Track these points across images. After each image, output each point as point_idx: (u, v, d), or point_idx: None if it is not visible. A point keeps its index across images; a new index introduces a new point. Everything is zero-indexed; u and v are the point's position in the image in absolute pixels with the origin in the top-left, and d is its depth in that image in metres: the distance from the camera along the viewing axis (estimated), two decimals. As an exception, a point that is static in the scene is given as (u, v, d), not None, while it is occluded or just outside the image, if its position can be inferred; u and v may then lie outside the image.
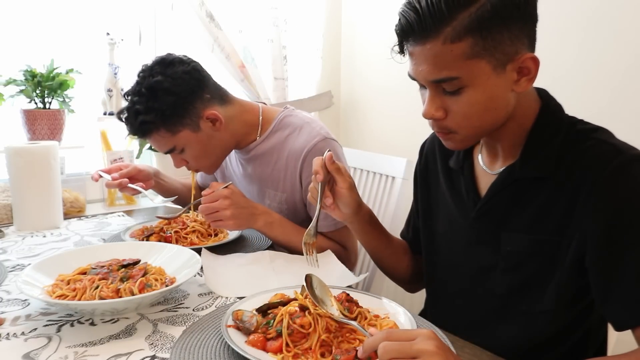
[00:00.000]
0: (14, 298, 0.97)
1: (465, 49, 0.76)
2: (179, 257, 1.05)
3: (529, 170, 0.86)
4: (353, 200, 1.00)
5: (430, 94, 0.82)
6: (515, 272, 0.88)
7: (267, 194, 1.41)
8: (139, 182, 1.45)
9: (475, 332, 0.91)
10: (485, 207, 0.92)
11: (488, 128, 0.85)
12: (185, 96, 1.25)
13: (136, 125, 1.26)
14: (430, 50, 0.77)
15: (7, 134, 1.74)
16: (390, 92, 2.16)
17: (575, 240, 0.81)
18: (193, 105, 1.27)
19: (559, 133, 0.85)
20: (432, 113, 0.83)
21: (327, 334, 0.76)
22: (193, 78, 1.27)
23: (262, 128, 1.39)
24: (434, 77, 0.79)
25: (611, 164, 0.78)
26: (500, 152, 0.92)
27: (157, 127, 1.26)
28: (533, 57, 0.79)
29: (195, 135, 1.29)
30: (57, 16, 1.84)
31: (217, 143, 1.33)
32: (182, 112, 1.25)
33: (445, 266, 1.02)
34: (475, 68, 0.77)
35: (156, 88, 1.23)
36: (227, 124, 1.32)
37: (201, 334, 0.82)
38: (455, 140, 0.87)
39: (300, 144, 1.32)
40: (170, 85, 1.23)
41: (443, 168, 1.03)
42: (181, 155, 1.33)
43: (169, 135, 1.27)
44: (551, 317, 0.86)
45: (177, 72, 1.25)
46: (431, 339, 0.64)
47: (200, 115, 1.28)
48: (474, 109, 0.81)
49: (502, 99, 0.82)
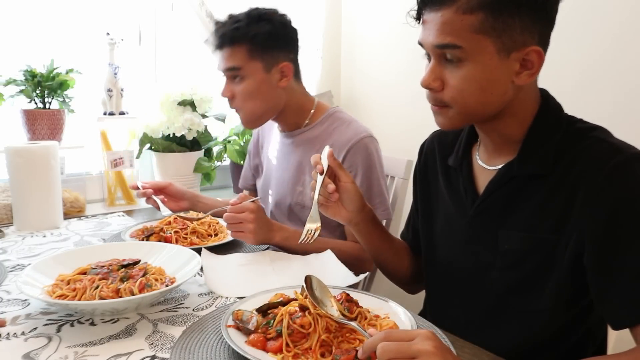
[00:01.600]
0: (14, 298, 0.97)
1: (475, 22, 0.78)
2: (179, 257, 1.05)
3: (527, 168, 0.86)
4: (357, 193, 1.01)
5: (432, 63, 0.85)
6: (513, 270, 0.88)
7: (302, 180, 1.44)
8: (160, 195, 1.51)
9: (475, 330, 0.91)
10: (483, 204, 0.92)
11: (480, 111, 0.86)
12: (279, 39, 1.37)
13: (228, 28, 1.34)
14: (443, 16, 0.80)
15: (7, 134, 1.74)
16: (391, 92, 2.16)
17: (573, 239, 0.81)
18: (279, 50, 1.37)
19: (557, 131, 0.86)
20: (430, 82, 0.85)
21: (327, 334, 0.76)
22: (293, 36, 1.41)
23: (312, 117, 1.46)
24: (439, 42, 0.81)
25: (610, 163, 0.78)
26: (498, 148, 0.92)
27: (242, 41, 1.33)
28: (538, 51, 0.81)
29: (262, 74, 1.36)
30: (57, 16, 1.84)
31: (271, 96, 1.39)
32: (268, 47, 1.35)
33: (444, 265, 1.02)
34: (480, 44, 0.79)
35: (263, 18, 1.35)
36: (289, 91, 1.41)
37: (201, 334, 0.82)
38: (446, 116, 0.87)
39: (347, 137, 1.37)
40: (275, 25, 1.36)
41: (442, 167, 1.04)
42: (235, 83, 1.38)
43: (244, 56, 1.34)
44: (550, 316, 0.87)
45: (286, 22, 1.40)
46: (430, 339, 0.64)
47: (277, 62, 1.36)
48: (470, 85, 0.82)
49: (500, 85, 0.83)
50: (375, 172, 1.36)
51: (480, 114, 0.87)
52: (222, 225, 1.38)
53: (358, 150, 1.35)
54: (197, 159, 1.96)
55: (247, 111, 1.40)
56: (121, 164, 1.79)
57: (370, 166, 1.35)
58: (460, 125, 0.92)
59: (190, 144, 1.94)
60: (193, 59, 2.12)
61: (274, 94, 1.39)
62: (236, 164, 2.12)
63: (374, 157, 1.36)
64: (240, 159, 2.09)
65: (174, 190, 1.54)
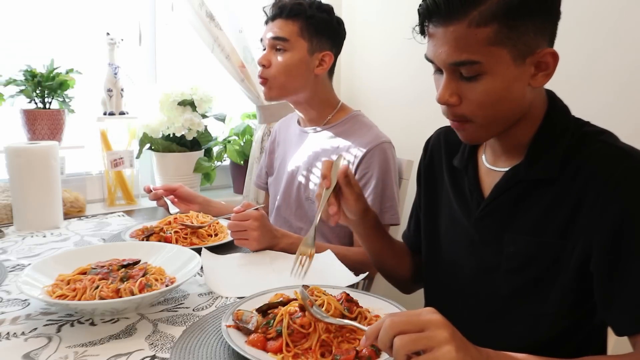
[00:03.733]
0: (14, 298, 0.97)
1: (490, 35, 0.76)
2: (179, 257, 1.05)
3: (534, 172, 0.85)
4: (359, 208, 1.00)
5: (446, 78, 0.82)
6: (518, 274, 0.87)
7: (315, 172, 1.45)
8: (170, 196, 1.53)
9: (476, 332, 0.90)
10: (488, 207, 0.91)
11: (502, 121, 0.84)
12: (330, 31, 1.46)
13: (290, 1, 1.42)
14: (454, 32, 0.77)
15: (7, 134, 1.74)
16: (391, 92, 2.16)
17: (580, 245, 0.80)
18: (327, 39, 1.45)
19: (565, 135, 0.85)
20: (447, 98, 0.82)
21: (327, 334, 0.76)
22: (342, 36, 1.51)
23: (335, 116, 1.51)
24: (454, 60, 0.78)
25: (618, 168, 0.77)
26: (506, 150, 0.91)
27: (299, 17, 1.41)
28: (553, 53, 0.80)
29: (304, 54, 1.43)
30: (57, 16, 1.84)
31: (304, 77, 1.44)
32: (319, 32, 1.43)
33: (447, 266, 1.01)
34: (496, 55, 0.77)
35: (323, 8, 1.45)
36: (320, 81, 1.47)
37: (201, 334, 0.82)
38: (469, 131, 0.85)
39: (367, 139, 1.41)
40: (332, 18, 1.46)
41: (447, 166, 1.03)
42: (274, 54, 1.44)
43: (295, 31, 1.41)
44: (553, 320, 0.86)
45: (341, 21, 1.50)
46: (436, 312, 0.65)
47: (321, 49, 1.44)
48: (489, 98, 0.80)
49: (518, 91, 0.81)
50: (390, 177, 1.38)
51: (503, 123, 0.85)
52: (222, 225, 1.38)
53: (376, 153, 1.37)
54: (197, 159, 1.96)
55: (277, 83, 1.44)
56: (121, 164, 1.79)
57: (386, 171, 1.38)
58: (486, 138, 0.90)
59: (190, 144, 1.95)
60: (193, 59, 2.12)
61: (307, 77, 1.45)
62: (236, 164, 2.12)
63: (390, 162, 1.39)
64: (240, 159, 2.09)
65: (184, 192, 1.54)
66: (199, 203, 1.55)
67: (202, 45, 1.94)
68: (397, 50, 2.06)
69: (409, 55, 1.97)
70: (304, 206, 1.47)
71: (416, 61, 2.04)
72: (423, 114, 1.92)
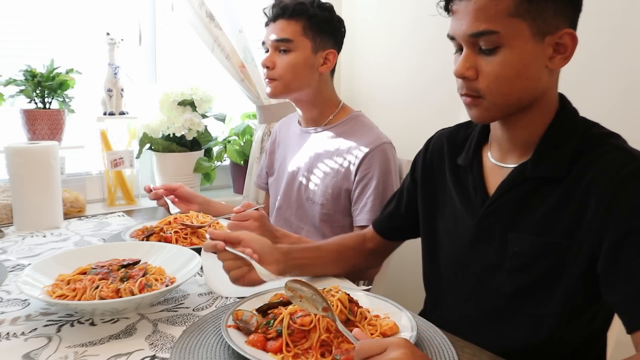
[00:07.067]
0: (14, 298, 0.97)
1: (510, 6, 0.78)
2: (179, 257, 1.05)
3: (541, 170, 0.85)
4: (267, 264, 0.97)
5: (465, 51, 0.83)
6: (521, 273, 0.87)
7: (316, 173, 1.46)
8: (170, 196, 1.53)
9: (477, 332, 0.90)
10: (493, 205, 0.91)
11: (515, 101, 0.84)
12: (333, 29, 1.47)
13: (291, 1, 1.43)
14: (476, 3, 0.80)
15: (7, 134, 1.73)
16: (391, 92, 2.16)
17: (585, 246, 0.80)
18: (329, 38, 1.46)
19: (574, 135, 0.85)
20: (464, 71, 0.83)
21: (327, 334, 0.76)
22: (343, 34, 1.52)
23: (336, 116, 1.51)
24: (474, 30, 0.80)
25: (624, 170, 0.78)
26: (513, 147, 0.91)
27: (302, 17, 1.42)
28: (572, 34, 0.81)
29: (308, 53, 1.44)
30: (57, 16, 1.84)
31: (308, 76, 1.45)
32: (322, 31, 1.44)
33: (448, 265, 1.01)
34: (515, 27, 0.79)
35: (324, 7, 1.46)
36: (323, 80, 1.49)
37: (201, 334, 0.82)
38: (481, 108, 0.86)
39: (368, 140, 1.41)
40: (333, 16, 1.48)
41: (450, 166, 1.02)
42: (279, 55, 1.44)
43: (298, 31, 1.42)
44: (555, 321, 0.85)
45: (341, 20, 1.51)
46: (401, 346, 0.64)
47: (325, 48, 1.45)
48: (506, 72, 0.81)
49: (535, 70, 0.82)
50: (391, 178, 1.39)
51: (515, 103, 0.85)
52: (222, 226, 1.38)
53: (377, 154, 1.38)
54: (197, 159, 1.96)
55: (283, 82, 1.45)
56: (121, 164, 1.79)
57: (387, 171, 1.38)
58: (496, 117, 0.89)
59: (190, 144, 1.95)
60: (193, 59, 2.12)
61: (311, 76, 1.46)
62: (236, 164, 2.12)
63: (391, 163, 1.40)
64: (240, 159, 2.09)
65: (184, 192, 1.54)
66: (199, 203, 1.55)
67: (202, 45, 1.94)
68: (397, 49, 2.06)
69: (408, 55, 1.97)
70: (305, 206, 1.47)
71: (416, 61, 2.05)
72: (423, 113, 1.92)
